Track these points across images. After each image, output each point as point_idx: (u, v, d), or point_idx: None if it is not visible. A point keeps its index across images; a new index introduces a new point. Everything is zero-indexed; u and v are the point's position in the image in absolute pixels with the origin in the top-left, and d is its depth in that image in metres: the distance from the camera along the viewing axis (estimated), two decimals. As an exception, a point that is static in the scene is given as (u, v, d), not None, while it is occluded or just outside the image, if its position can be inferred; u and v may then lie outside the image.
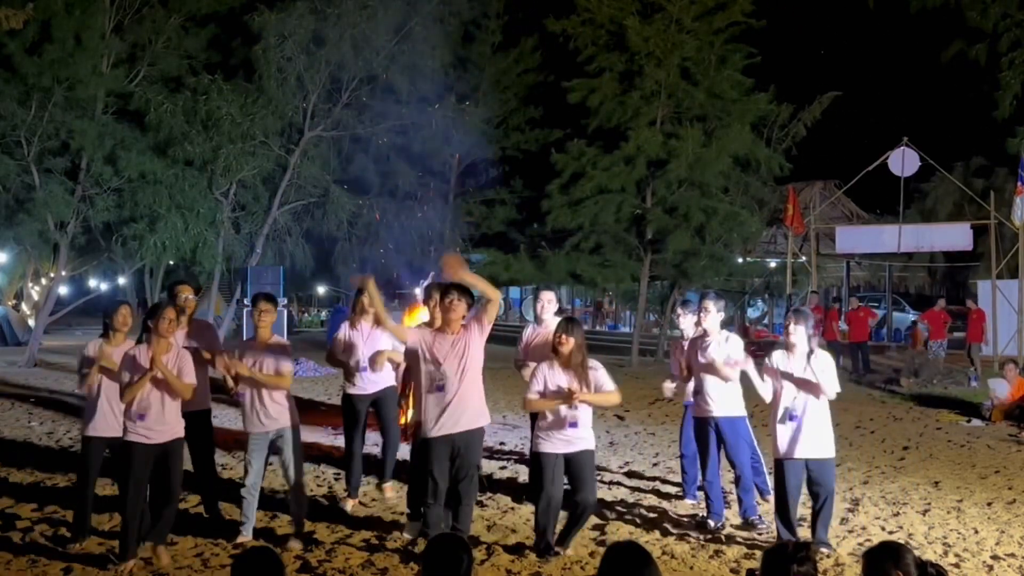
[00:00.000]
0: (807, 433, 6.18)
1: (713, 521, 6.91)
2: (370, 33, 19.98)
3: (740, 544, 6.46)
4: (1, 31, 14.26)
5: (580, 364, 6.01)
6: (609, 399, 6.12)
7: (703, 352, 6.98)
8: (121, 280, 29.10)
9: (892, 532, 6.86)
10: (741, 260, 25.04)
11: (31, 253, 22.17)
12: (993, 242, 19.91)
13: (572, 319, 6.50)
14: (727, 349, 6.92)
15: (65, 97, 18.60)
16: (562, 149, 23.36)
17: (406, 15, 20.65)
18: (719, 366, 6.82)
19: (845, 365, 17.73)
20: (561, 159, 23.05)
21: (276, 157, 20.60)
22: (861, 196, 27.53)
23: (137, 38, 19.82)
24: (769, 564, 3.23)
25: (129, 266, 23.34)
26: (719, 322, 7.07)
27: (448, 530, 5.89)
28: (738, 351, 6.92)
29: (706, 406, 6.96)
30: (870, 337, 19.76)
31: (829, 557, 6.10)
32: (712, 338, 6.99)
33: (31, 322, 24.98)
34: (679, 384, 7.42)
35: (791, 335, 6.32)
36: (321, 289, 28.44)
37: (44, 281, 28.13)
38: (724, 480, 7.41)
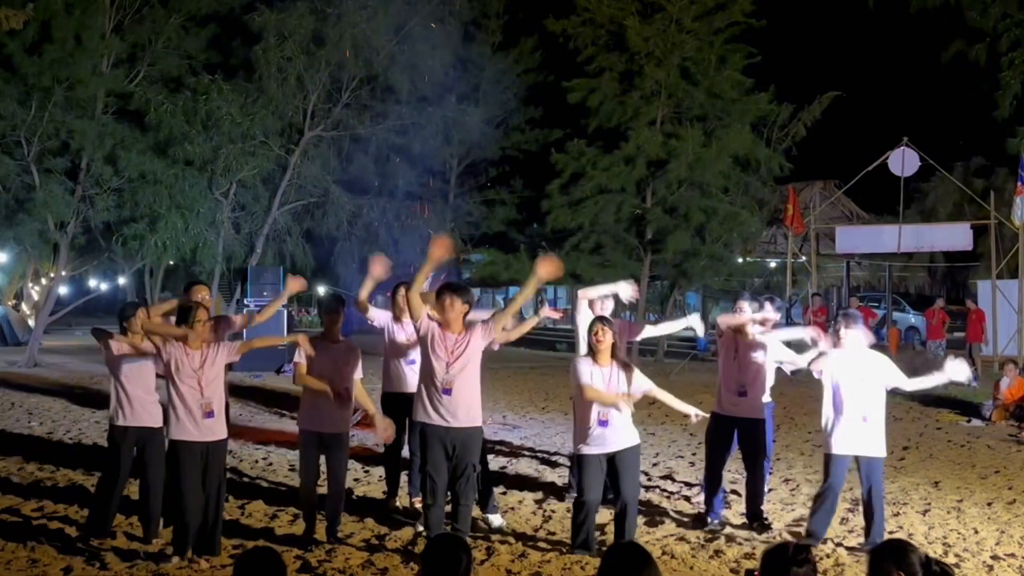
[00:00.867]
0: (872, 431, 6.37)
1: (712, 520, 6.91)
2: (370, 33, 19.97)
3: (740, 544, 6.47)
4: (1, 31, 14.23)
5: (620, 359, 6.10)
6: (660, 397, 6.23)
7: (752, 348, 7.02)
8: (121, 280, 29.04)
9: (892, 532, 6.86)
10: (741, 260, 25.03)
11: (31, 253, 22.11)
12: (993, 242, 19.89)
13: (603, 317, 6.52)
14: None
15: (65, 97, 18.56)
16: (562, 149, 23.32)
17: (406, 15, 20.66)
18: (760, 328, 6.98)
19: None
20: (561, 159, 23.02)
21: (276, 157, 20.59)
22: (861, 196, 27.53)
23: (137, 38, 19.77)
24: (769, 564, 3.22)
25: (129, 266, 23.29)
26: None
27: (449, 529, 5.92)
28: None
29: (744, 406, 6.97)
30: (870, 337, 19.70)
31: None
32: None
33: (31, 322, 24.93)
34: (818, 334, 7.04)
35: (843, 339, 6.36)
36: (321, 289, 28.36)
37: (44, 281, 28.07)
38: (724, 480, 7.40)
